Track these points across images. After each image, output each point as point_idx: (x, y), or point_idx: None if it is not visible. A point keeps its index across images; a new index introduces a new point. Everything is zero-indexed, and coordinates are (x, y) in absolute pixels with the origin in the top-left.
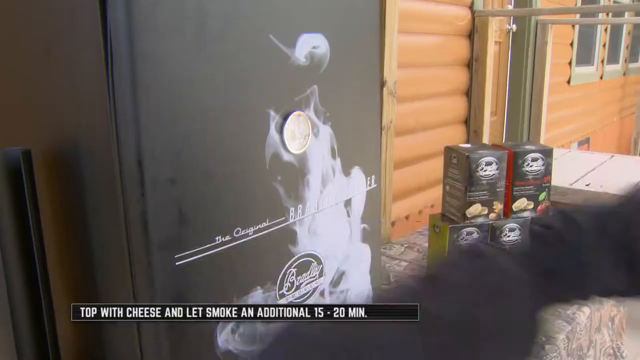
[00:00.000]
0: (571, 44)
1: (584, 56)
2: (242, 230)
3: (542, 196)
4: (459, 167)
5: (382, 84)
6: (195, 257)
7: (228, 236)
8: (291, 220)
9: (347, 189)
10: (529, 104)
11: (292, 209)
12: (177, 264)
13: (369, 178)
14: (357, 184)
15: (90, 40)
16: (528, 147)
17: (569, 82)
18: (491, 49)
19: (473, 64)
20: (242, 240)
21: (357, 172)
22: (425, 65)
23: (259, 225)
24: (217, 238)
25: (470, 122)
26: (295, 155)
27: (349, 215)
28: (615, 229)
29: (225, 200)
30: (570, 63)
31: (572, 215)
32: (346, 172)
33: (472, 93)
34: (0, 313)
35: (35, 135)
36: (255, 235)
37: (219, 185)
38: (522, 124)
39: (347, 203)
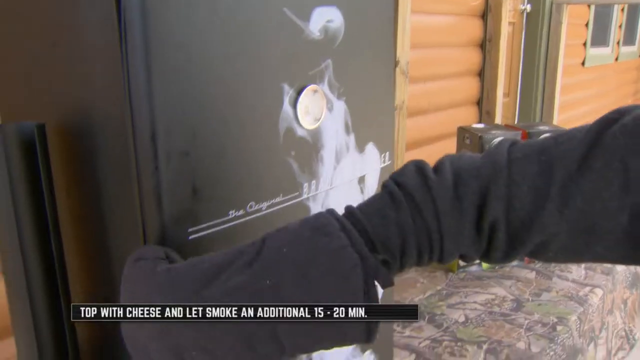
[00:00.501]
0: (586, 25)
1: (599, 37)
2: (255, 205)
3: None
4: (472, 148)
5: (395, 63)
6: (209, 231)
7: (242, 210)
8: (305, 196)
9: (361, 166)
10: (542, 86)
11: (306, 184)
12: (190, 237)
13: (383, 155)
14: (371, 161)
15: (104, 13)
16: (542, 127)
17: (583, 63)
18: (505, 30)
19: (486, 45)
20: (255, 215)
21: (371, 148)
22: (437, 45)
23: (273, 200)
24: (230, 212)
25: (483, 103)
26: (309, 131)
27: (362, 192)
28: (469, 191)
29: (238, 175)
30: (585, 44)
31: (426, 174)
32: (360, 148)
33: (484, 74)
34: (17, 286)
35: (49, 110)
36: (269, 210)
37: (233, 159)
38: (534, 105)
39: (361, 180)
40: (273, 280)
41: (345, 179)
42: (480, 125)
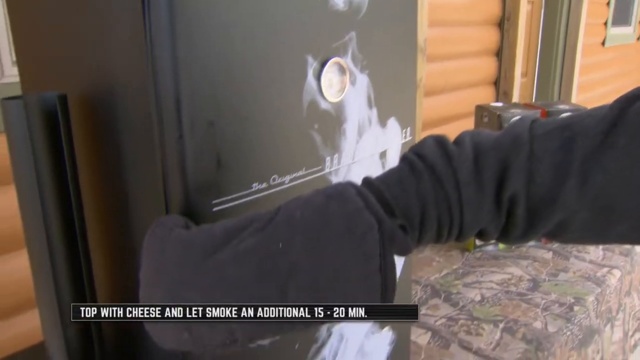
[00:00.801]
0: (607, 4)
1: (621, 16)
2: (278, 178)
3: None
4: (491, 126)
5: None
6: (233, 203)
7: (265, 183)
8: (327, 170)
9: (383, 140)
10: (560, 66)
11: (329, 158)
12: (214, 209)
13: (404, 130)
14: (393, 136)
15: None
16: (561, 106)
17: (603, 43)
18: (524, 8)
19: (504, 24)
20: (278, 188)
21: (393, 123)
22: (455, 24)
23: (296, 174)
24: (254, 185)
25: (500, 83)
26: (332, 104)
27: (383, 167)
28: (489, 163)
29: (262, 147)
30: (605, 23)
31: (446, 146)
32: (382, 122)
33: (502, 53)
34: (39, 258)
35: (71, 80)
36: (292, 184)
37: (257, 131)
38: (552, 85)
39: (383, 155)
40: (284, 244)
41: (367, 154)
42: (499, 104)
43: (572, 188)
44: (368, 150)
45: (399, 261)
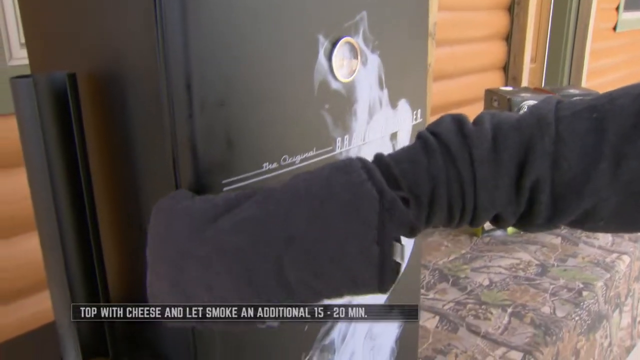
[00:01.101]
0: None
1: (633, 1)
2: (289, 158)
3: None
4: (500, 111)
5: None
6: (243, 182)
7: (275, 163)
8: (337, 151)
9: (393, 122)
10: (570, 51)
11: (339, 139)
12: (225, 189)
13: (415, 112)
14: (404, 118)
15: None
16: (572, 90)
17: (614, 28)
18: None
19: (514, 8)
20: (289, 169)
21: (403, 104)
22: (464, 8)
23: (306, 154)
24: (265, 165)
25: (509, 68)
26: (343, 84)
27: (394, 149)
28: (509, 144)
29: (273, 127)
30: (617, 8)
31: (463, 124)
32: (393, 104)
33: (512, 38)
34: (49, 236)
35: (80, 60)
36: (302, 164)
37: (268, 110)
38: (562, 71)
39: (393, 136)
40: (284, 215)
41: (378, 135)
42: (509, 88)
43: (603, 173)
44: (378, 132)
45: (408, 245)
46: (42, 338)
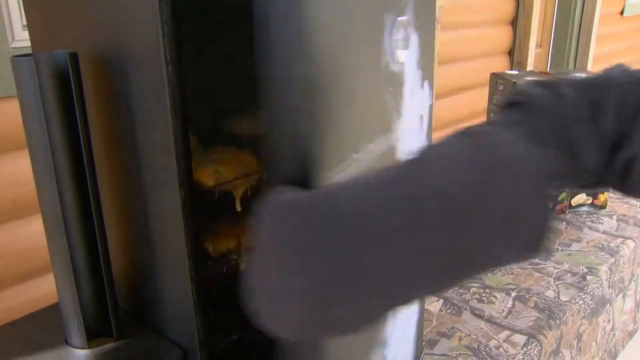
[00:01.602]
0: None
1: None
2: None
3: None
4: (506, 94)
5: None
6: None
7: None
8: (393, 134)
9: (421, 103)
10: (576, 36)
11: (396, 121)
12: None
13: (432, 92)
14: (427, 99)
15: None
16: (577, 75)
17: (622, 12)
18: None
19: None
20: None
21: (427, 86)
22: None
23: (377, 140)
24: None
25: (514, 53)
26: (399, 64)
27: (421, 127)
28: (600, 103)
29: (349, 116)
30: None
31: (558, 88)
32: (422, 84)
33: (517, 22)
34: (53, 218)
35: (82, 40)
36: (374, 151)
37: (345, 99)
38: (568, 56)
39: (421, 118)
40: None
41: (415, 116)
42: (514, 72)
43: None
44: (416, 112)
45: None
46: (46, 319)
